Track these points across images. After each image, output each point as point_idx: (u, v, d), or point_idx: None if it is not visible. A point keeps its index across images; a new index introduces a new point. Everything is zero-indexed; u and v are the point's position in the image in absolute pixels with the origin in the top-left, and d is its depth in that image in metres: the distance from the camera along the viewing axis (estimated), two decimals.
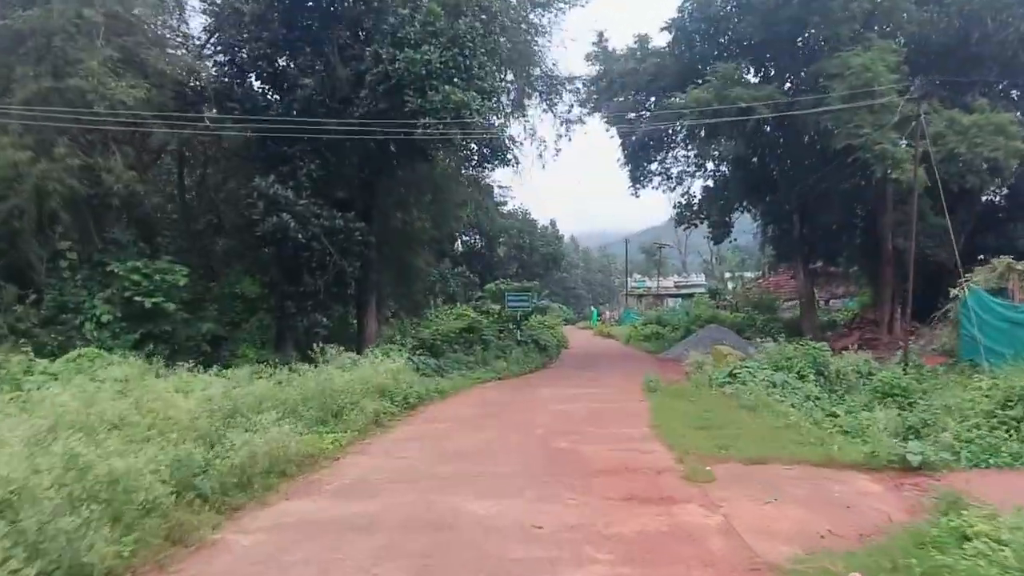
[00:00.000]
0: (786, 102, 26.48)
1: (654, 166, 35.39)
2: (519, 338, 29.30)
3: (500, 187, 29.91)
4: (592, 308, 79.27)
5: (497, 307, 32.11)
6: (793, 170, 31.32)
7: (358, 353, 20.43)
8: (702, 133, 29.70)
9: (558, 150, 29.74)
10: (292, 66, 20.27)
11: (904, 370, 18.06)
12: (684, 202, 38.62)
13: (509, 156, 21.66)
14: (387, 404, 13.15)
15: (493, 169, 22.43)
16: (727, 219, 38.50)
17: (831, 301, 50.45)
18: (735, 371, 14.69)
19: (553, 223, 72.51)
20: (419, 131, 18.82)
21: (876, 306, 35.37)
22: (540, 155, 28.70)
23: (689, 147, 34.13)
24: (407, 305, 31.22)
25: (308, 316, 22.66)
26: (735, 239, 42.68)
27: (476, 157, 20.65)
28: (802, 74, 28.44)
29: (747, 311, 42.94)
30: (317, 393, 11.68)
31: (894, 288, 31.47)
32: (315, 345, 15.87)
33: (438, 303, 49.96)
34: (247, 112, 20.19)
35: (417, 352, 23.25)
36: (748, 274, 76.11)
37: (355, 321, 26.03)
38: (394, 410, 13.29)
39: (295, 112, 20.58)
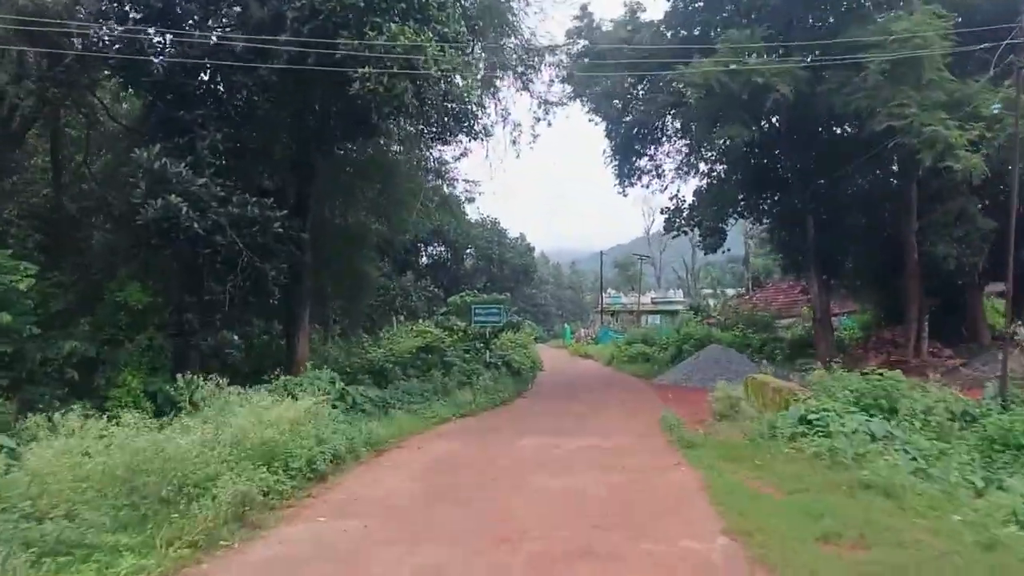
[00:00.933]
0: (806, 77, 22.10)
1: (643, 162, 30.84)
2: (488, 360, 24.42)
3: (467, 181, 25.23)
4: (565, 325, 74.55)
5: (463, 323, 27.26)
6: (807, 165, 26.98)
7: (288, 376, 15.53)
8: (697, 122, 25.14)
9: (535, 136, 25.06)
10: (189, 2, 15.25)
11: (1004, 406, 13.57)
12: (674, 206, 34.29)
13: (476, 127, 16.79)
14: (273, 477, 8.09)
15: (456, 141, 17.57)
16: (722, 225, 34.22)
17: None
18: (809, 415, 9.99)
19: (523, 236, 67.85)
20: (356, 84, 13.94)
21: (890, 324, 31.26)
22: (514, 141, 23.94)
23: (684, 139, 29.61)
24: (356, 321, 26.13)
25: (215, 333, 17.55)
26: (728, 248, 38.40)
27: (435, 127, 15.73)
28: (819, 50, 24.09)
29: (739, 329, 38.43)
30: (139, 466, 6.69)
31: (920, 304, 27.21)
32: (184, 377, 10.89)
33: (400, 319, 45.00)
34: (127, 65, 15.19)
35: (359, 380, 18.30)
36: (729, 290, 72.13)
37: (285, 340, 20.93)
38: (285, 487, 8.24)
39: (192, 64, 15.61)
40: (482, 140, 19.35)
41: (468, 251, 59.48)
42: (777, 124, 26.59)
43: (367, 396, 15.69)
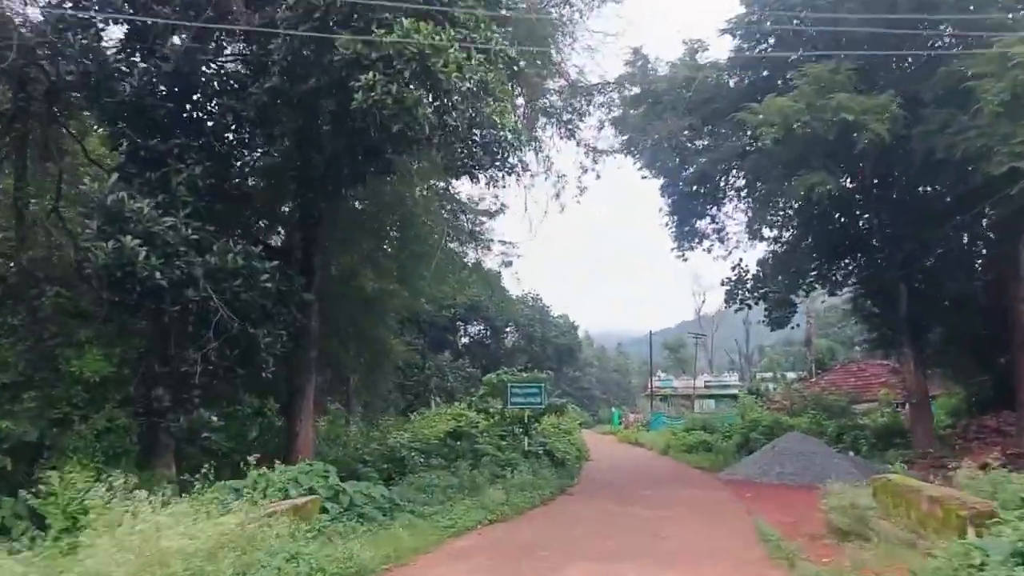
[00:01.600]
0: (902, 118, 18.73)
1: (704, 223, 27.45)
2: (527, 447, 20.73)
3: (503, 243, 22.23)
4: (613, 409, 70.03)
5: (500, 405, 23.70)
6: (897, 224, 23.31)
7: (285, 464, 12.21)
8: (769, 173, 21.74)
9: (582, 189, 21.95)
10: (164, 7, 12.63)
11: None
12: (735, 277, 30.71)
13: (512, 160, 13.64)
14: None
15: (487, 175, 14.41)
16: (792, 296, 30.47)
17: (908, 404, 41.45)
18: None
19: (566, 317, 64.20)
20: (359, 95, 10.99)
21: (988, 409, 26.88)
22: (558, 195, 20.94)
23: (749, 200, 26.21)
24: (376, 401, 22.76)
25: (191, 412, 14.33)
26: (796, 324, 34.42)
27: (461, 157, 12.64)
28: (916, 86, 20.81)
29: (810, 415, 33.95)
30: None
31: None
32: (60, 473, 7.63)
33: (439, 401, 41.54)
34: (92, 80, 12.55)
35: (366, 472, 14.85)
36: (790, 374, 67.12)
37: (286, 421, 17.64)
38: None
39: (164, 80, 12.95)
40: (518, 178, 16.41)
41: (508, 329, 56.21)
42: (860, 177, 23.11)
43: (369, 495, 12.16)
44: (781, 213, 26.92)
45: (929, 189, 23.42)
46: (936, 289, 24.23)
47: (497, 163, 13.26)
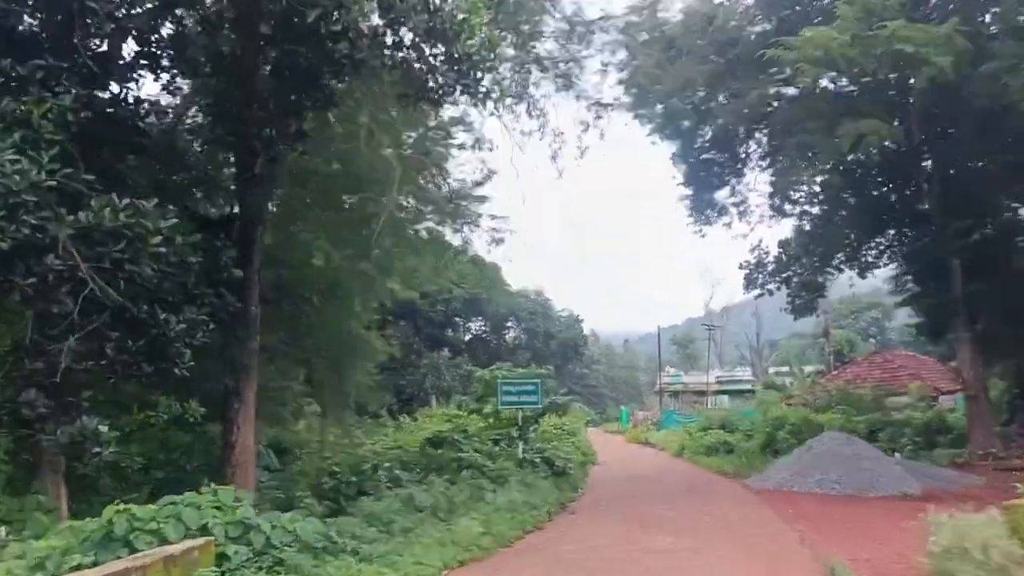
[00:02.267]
0: (967, 52, 15.42)
1: (724, 193, 24.18)
2: (522, 455, 17.49)
3: (492, 217, 18.94)
4: (621, 408, 66.70)
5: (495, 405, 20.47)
6: (953, 190, 20.01)
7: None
8: (810, 124, 18.40)
9: (583, 150, 18.40)
10: None
11: None
12: (755, 260, 27.54)
13: (484, 85, 10.32)
14: None
15: (454, 101, 11.16)
16: (821, 279, 27.28)
17: (941, 398, 37.97)
18: None
19: (572, 314, 60.46)
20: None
21: None
22: (555, 157, 17.74)
23: (776, 165, 22.87)
24: (343, 401, 19.43)
25: (74, 421, 11.09)
26: (821, 312, 31.14)
27: (423, 77, 9.42)
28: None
29: (841, 411, 30.55)
30: None
31: None
32: None
33: (441, 401, 38.38)
34: None
35: (297, 496, 11.66)
36: (807, 367, 63.61)
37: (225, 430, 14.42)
38: None
39: None
40: (495, 108, 13.09)
41: (509, 324, 52.94)
42: (908, 132, 19.74)
43: (295, 532, 8.90)
44: (810, 183, 23.65)
45: (991, 147, 20.09)
46: (995, 265, 20.89)
47: (465, 85, 9.97)
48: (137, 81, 10.94)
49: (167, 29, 11.30)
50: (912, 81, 15.90)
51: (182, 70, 11.36)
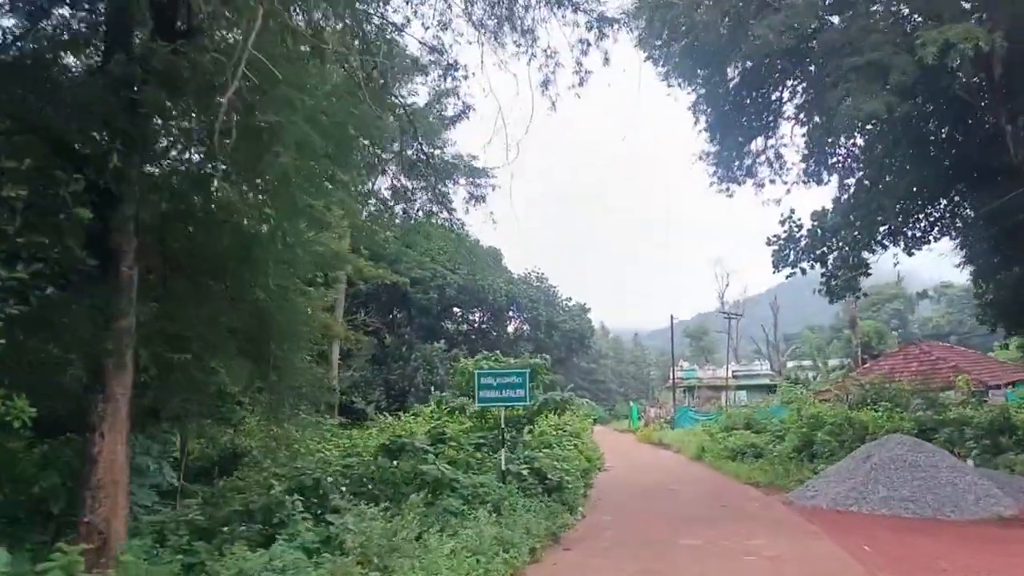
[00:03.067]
0: None
1: (756, 145, 20.25)
2: (504, 466, 13.66)
3: (470, 161, 15.00)
4: (631, 404, 62.73)
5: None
6: None
7: None
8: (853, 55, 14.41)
9: (582, 76, 14.00)
10: None
11: None
12: (786, 233, 23.74)
13: None
14: None
15: None
16: (866, 253, 23.47)
17: (991, 392, 33.90)
18: None
19: (579, 304, 56.06)
20: None
21: None
22: (545, 87, 13.91)
23: (819, 110, 18.86)
24: (281, 398, 15.48)
25: None
26: (857, 296, 27.22)
27: None
28: None
29: (884, 408, 26.49)
30: None
31: None
32: None
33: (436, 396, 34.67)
34: None
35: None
36: (831, 361, 59.60)
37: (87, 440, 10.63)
38: None
39: None
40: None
41: (511, 313, 49.05)
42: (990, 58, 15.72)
43: None
44: (858, 132, 19.67)
45: None
46: None
47: None
48: None
49: None
50: None
51: None
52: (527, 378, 14.19)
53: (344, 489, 11.73)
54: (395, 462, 12.68)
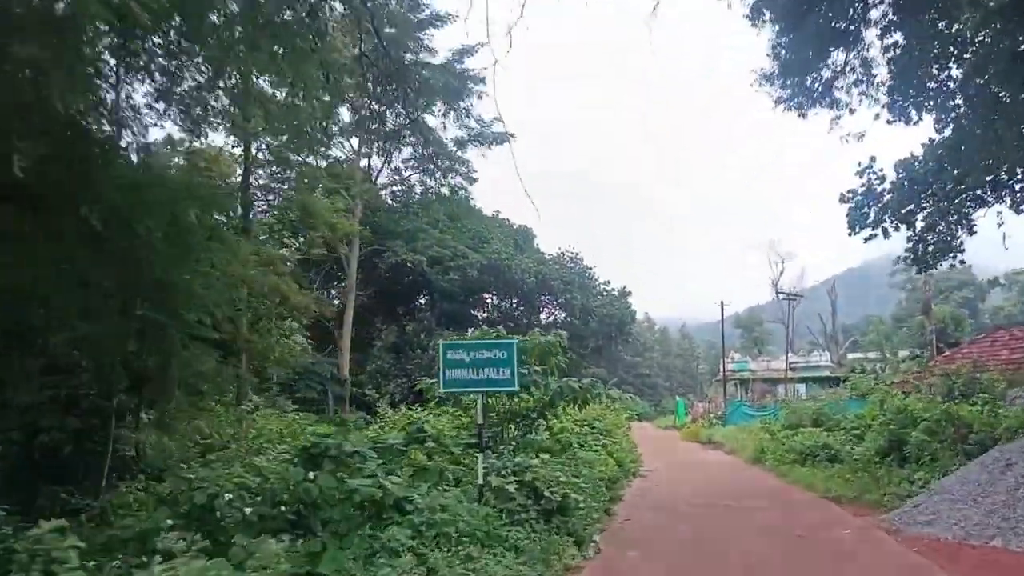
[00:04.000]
0: None
1: (837, 58, 15.64)
2: (482, 480, 9.49)
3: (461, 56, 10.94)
4: (678, 399, 57.83)
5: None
6: None
7: None
8: None
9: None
10: None
11: None
12: (864, 187, 19.43)
13: None
14: None
15: None
16: (965, 211, 19.12)
17: None
18: None
19: (621, 290, 50.92)
20: None
21: None
22: None
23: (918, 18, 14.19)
24: (167, 387, 11.44)
25: None
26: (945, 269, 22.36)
27: None
28: None
29: (983, 401, 21.46)
30: None
31: None
32: None
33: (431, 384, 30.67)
34: None
35: None
36: (901, 352, 53.82)
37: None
38: None
39: None
40: None
41: (542, 299, 44.73)
42: None
43: None
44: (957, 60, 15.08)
45: None
46: None
47: None
48: None
49: None
50: None
51: None
52: (514, 353, 9.90)
53: (248, 511, 7.77)
54: (311, 476, 8.51)
